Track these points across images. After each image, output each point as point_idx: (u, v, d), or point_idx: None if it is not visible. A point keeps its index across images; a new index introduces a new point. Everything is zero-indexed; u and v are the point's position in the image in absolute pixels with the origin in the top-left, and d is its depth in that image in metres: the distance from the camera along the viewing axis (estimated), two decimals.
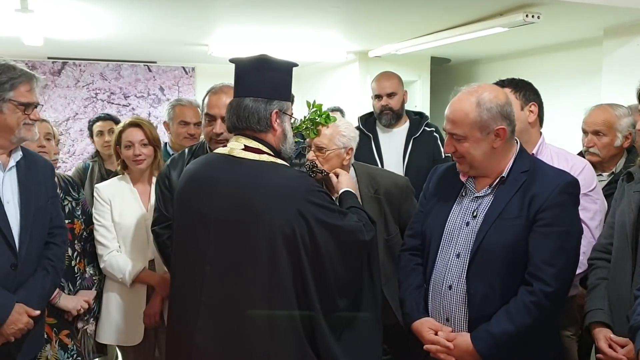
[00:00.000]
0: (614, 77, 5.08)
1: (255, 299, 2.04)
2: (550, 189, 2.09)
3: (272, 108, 2.21)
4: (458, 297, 2.17)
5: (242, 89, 2.23)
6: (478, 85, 2.22)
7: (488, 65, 7.54)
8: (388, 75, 4.13)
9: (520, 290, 2.09)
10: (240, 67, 2.26)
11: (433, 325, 2.22)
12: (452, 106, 2.21)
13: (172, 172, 2.70)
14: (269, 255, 2.04)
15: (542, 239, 2.07)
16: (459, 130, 2.16)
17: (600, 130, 3.07)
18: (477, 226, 2.16)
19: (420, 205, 2.48)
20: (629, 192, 2.26)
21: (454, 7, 4.68)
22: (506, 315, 2.07)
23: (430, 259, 2.28)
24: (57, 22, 5.06)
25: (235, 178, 2.12)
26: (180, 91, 7.92)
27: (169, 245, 2.52)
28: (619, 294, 2.14)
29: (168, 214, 2.63)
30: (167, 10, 4.78)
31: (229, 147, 2.21)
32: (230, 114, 2.22)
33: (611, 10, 4.55)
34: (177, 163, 2.80)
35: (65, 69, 7.44)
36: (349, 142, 2.65)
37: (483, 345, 2.08)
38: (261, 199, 2.06)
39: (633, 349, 1.92)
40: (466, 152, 2.16)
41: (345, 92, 7.36)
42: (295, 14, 4.92)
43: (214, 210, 2.10)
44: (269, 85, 2.23)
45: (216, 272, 2.08)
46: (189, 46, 6.44)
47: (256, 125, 2.19)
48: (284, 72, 2.29)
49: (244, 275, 2.05)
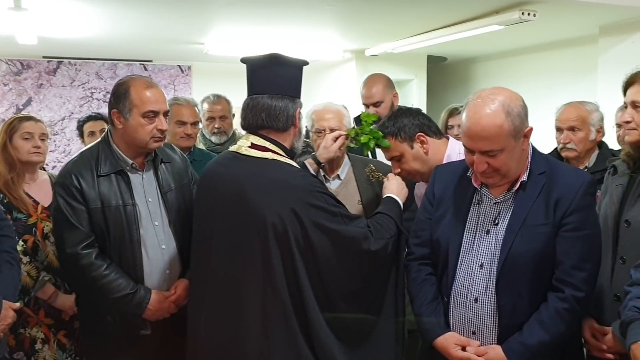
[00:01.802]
0: (609, 75, 5.08)
1: (248, 292, 2.07)
2: (574, 190, 2.03)
3: (297, 106, 2.28)
4: (486, 310, 2.07)
5: (257, 87, 2.25)
6: (488, 92, 2.05)
7: (484, 63, 7.54)
8: (373, 80, 4.03)
9: (550, 297, 2.04)
10: (254, 65, 2.27)
11: (459, 341, 2.10)
12: (480, 123, 1.98)
13: (82, 182, 2.37)
14: (261, 249, 2.06)
15: (571, 244, 2.02)
16: (495, 146, 1.99)
17: (575, 125, 3.19)
18: (500, 234, 2.07)
19: (426, 211, 2.31)
20: (612, 186, 2.28)
21: (450, 6, 4.68)
22: (539, 325, 2.01)
23: (449, 270, 2.15)
24: (52, 20, 5.04)
25: (235, 174, 2.16)
26: (176, 90, 7.90)
27: (100, 265, 2.35)
28: (600, 283, 2.16)
29: (84, 228, 2.37)
30: (163, 9, 4.76)
31: (238, 145, 2.25)
32: (246, 112, 2.25)
33: (607, 8, 4.55)
34: (85, 174, 2.42)
35: (61, 68, 7.42)
36: (349, 125, 2.91)
37: (518, 357, 2.01)
38: (255, 193, 2.09)
39: (612, 337, 2.07)
40: (503, 164, 2.03)
41: (342, 90, 7.34)
42: (291, 12, 4.91)
43: (217, 206, 2.17)
44: (288, 83, 2.26)
45: (217, 266, 2.15)
46: (185, 45, 6.42)
47: (278, 123, 2.22)
48: (297, 70, 2.31)
49: (239, 268, 2.11)
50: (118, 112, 2.44)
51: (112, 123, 2.48)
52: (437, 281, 2.23)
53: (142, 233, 2.43)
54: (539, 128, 2.78)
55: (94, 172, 2.41)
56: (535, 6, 4.46)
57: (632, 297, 1.88)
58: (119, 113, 2.44)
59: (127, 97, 2.43)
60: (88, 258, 2.35)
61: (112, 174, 2.42)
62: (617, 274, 2.14)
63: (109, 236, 2.39)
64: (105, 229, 2.38)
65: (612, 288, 2.14)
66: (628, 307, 1.86)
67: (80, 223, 2.36)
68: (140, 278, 2.43)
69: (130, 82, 2.48)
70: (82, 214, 2.37)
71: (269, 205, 2.07)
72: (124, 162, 2.47)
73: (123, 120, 2.44)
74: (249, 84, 2.29)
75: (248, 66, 2.29)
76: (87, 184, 2.38)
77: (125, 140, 2.48)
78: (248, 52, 2.31)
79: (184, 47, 6.57)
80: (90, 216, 2.37)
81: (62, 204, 2.38)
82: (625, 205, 2.18)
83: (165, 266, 2.48)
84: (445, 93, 7.71)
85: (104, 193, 2.39)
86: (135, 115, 2.42)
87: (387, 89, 3.97)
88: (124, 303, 2.37)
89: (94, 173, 2.41)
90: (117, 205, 2.39)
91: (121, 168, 2.45)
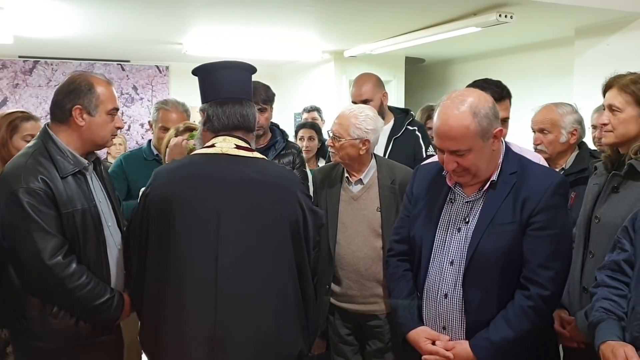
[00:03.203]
0: (585, 76, 5.16)
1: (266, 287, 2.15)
2: (542, 190, 2.07)
3: (255, 110, 2.35)
4: (454, 305, 2.12)
5: (228, 91, 2.29)
6: (457, 94, 2.09)
7: (462, 65, 7.61)
8: (363, 79, 4.04)
9: (517, 294, 2.07)
10: (225, 69, 2.32)
11: (430, 335, 2.16)
12: (448, 123, 2.03)
13: (51, 186, 2.24)
14: (279, 240, 2.18)
15: (537, 243, 2.05)
16: (462, 146, 2.03)
17: (544, 127, 3.22)
18: (469, 232, 2.12)
19: (405, 209, 2.38)
20: (590, 184, 2.38)
21: (428, 7, 4.71)
22: (505, 322, 2.05)
23: (422, 266, 2.21)
24: (28, 20, 4.99)
25: (241, 173, 2.20)
26: (154, 90, 7.86)
27: (82, 273, 2.24)
28: (572, 276, 2.26)
29: (59, 236, 2.24)
30: (140, 9, 4.74)
31: (218, 147, 2.23)
32: (220, 115, 2.27)
33: (582, 11, 4.62)
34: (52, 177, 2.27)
35: (37, 68, 7.35)
36: (365, 135, 2.76)
37: (483, 353, 2.06)
38: (268, 189, 2.20)
39: (574, 326, 2.24)
40: (471, 164, 2.06)
41: (321, 91, 7.37)
42: (269, 13, 4.91)
43: (225, 206, 2.15)
44: (249, 88, 2.36)
45: (229, 265, 2.13)
46: (163, 45, 6.40)
47: (250, 125, 2.30)
48: (251, 75, 2.40)
49: (258, 265, 2.15)
50: (82, 108, 2.30)
51: (66, 120, 2.32)
52: (414, 276, 2.29)
53: (105, 235, 2.37)
54: (516, 129, 2.81)
55: (57, 174, 2.25)
56: (512, 8, 4.50)
57: (599, 298, 1.95)
58: (82, 109, 2.30)
59: (92, 93, 2.32)
60: (70, 267, 2.21)
61: (70, 175, 2.28)
62: (586, 267, 2.25)
63: (79, 240, 2.27)
64: (75, 233, 2.26)
65: (582, 281, 2.27)
66: (595, 308, 1.93)
67: (57, 230, 2.21)
68: (108, 281, 2.35)
69: (91, 78, 2.36)
70: (55, 220, 2.21)
71: (283, 200, 2.20)
72: (79, 163, 2.33)
73: (87, 117, 2.31)
74: (214, 88, 2.32)
75: (211, 70, 2.34)
76: (56, 188, 2.22)
77: (84, 138, 2.34)
78: (226, 52, 2.32)
79: (162, 47, 6.55)
80: (61, 221, 2.23)
81: (31, 212, 2.17)
82: (597, 203, 2.28)
83: (122, 266, 2.42)
84: (423, 94, 7.75)
85: (71, 196, 2.26)
86: (102, 112, 2.33)
87: (377, 88, 3.96)
88: (105, 308, 2.29)
89: (57, 175, 2.25)
90: (83, 207, 2.27)
91: (79, 168, 2.32)
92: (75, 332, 2.29)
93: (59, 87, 2.38)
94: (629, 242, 1.96)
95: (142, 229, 2.21)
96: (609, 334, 1.82)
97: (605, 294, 1.94)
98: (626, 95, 2.23)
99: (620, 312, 1.88)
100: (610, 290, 1.94)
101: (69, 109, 2.30)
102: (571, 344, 2.32)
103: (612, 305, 1.90)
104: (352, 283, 2.76)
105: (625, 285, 1.93)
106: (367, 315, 2.76)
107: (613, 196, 2.23)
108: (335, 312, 2.85)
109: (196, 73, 2.37)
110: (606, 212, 2.21)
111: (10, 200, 2.17)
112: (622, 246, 1.98)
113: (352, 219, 2.79)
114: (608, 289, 1.95)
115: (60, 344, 2.26)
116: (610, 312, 1.88)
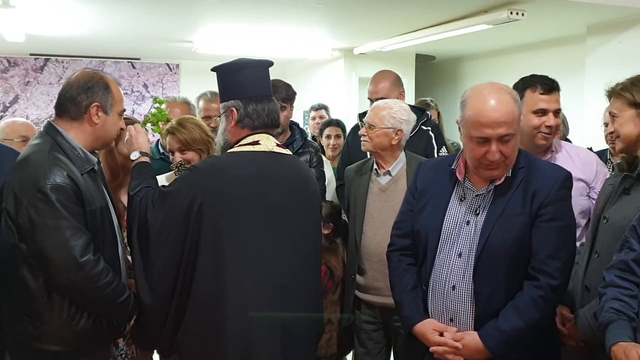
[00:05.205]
0: (596, 74, 5.12)
1: (312, 277, 2.42)
2: (551, 183, 2.12)
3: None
4: (463, 297, 2.14)
5: (261, 89, 2.38)
6: (490, 85, 2.16)
7: (472, 62, 7.57)
8: (381, 76, 4.00)
9: (525, 285, 2.10)
10: (254, 67, 2.39)
11: (437, 327, 2.17)
12: (498, 109, 2.08)
13: (78, 184, 2.19)
14: (316, 236, 2.46)
15: (546, 234, 2.09)
16: (511, 129, 2.08)
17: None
18: (479, 224, 2.15)
19: (408, 203, 2.40)
20: (605, 185, 2.41)
21: (438, 5, 4.70)
22: (515, 311, 2.07)
23: (428, 259, 2.23)
24: (39, 18, 5.01)
25: (291, 170, 2.38)
26: (164, 88, 7.88)
27: (108, 270, 2.20)
28: (576, 274, 2.30)
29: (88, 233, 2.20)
30: (151, 7, 4.75)
31: (268, 146, 2.32)
32: (260, 112, 2.34)
33: (594, 8, 4.59)
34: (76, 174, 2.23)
35: (48, 66, 7.38)
36: (399, 124, 2.87)
37: (493, 342, 2.07)
38: (310, 183, 2.46)
39: (573, 325, 2.28)
40: (512, 150, 2.12)
41: (330, 89, 7.36)
42: (280, 11, 4.91)
43: (281, 201, 2.28)
44: (270, 85, 2.44)
45: (287, 259, 2.28)
46: (173, 43, 6.41)
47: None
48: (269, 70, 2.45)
49: (306, 257, 2.37)
50: (100, 105, 2.26)
51: (80, 116, 2.27)
52: (417, 270, 2.30)
53: (116, 233, 2.36)
54: None
55: (76, 171, 2.20)
56: (523, 5, 4.48)
57: (608, 298, 1.94)
58: (100, 107, 2.26)
59: (109, 92, 2.28)
60: (99, 264, 2.16)
61: (86, 172, 2.23)
62: (590, 267, 2.27)
63: (98, 239, 2.22)
64: (96, 231, 2.21)
65: (584, 279, 2.29)
66: (605, 309, 1.92)
67: (86, 227, 2.16)
68: (120, 279, 2.32)
69: (105, 78, 2.33)
70: (82, 218, 2.16)
71: (317, 196, 2.51)
72: (90, 160, 2.28)
73: (102, 115, 2.27)
74: (245, 84, 2.34)
75: (241, 67, 2.37)
76: (81, 185, 2.17)
77: (96, 136, 2.29)
78: (236, 50, 2.32)
79: (173, 45, 6.56)
80: (86, 220, 2.17)
81: (61, 208, 2.10)
82: (608, 203, 2.30)
83: (126, 265, 2.41)
84: (433, 91, 7.73)
85: (92, 193, 2.22)
86: (115, 112, 2.31)
87: (394, 86, 3.93)
88: (125, 306, 2.25)
89: (77, 172, 2.20)
90: (101, 205, 2.25)
91: (92, 166, 2.27)
92: (93, 333, 2.25)
93: (70, 83, 2.32)
94: (637, 242, 1.96)
95: (186, 227, 2.18)
96: (621, 335, 1.81)
97: (615, 294, 1.93)
98: (620, 99, 2.33)
99: (631, 312, 1.86)
100: (620, 291, 1.93)
101: (86, 105, 2.25)
102: (570, 342, 2.33)
103: (623, 306, 1.88)
104: (377, 274, 2.81)
105: (635, 285, 1.92)
106: (392, 309, 2.67)
107: (624, 197, 2.24)
108: (361, 306, 2.91)
109: (220, 70, 2.39)
110: (615, 213, 2.22)
111: (36, 197, 2.08)
112: (631, 246, 1.97)
113: (379, 210, 2.86)
114: (618, 289, 1.94)
115: (75, 346, 2.22)
116: (621, 312, 1.87)
